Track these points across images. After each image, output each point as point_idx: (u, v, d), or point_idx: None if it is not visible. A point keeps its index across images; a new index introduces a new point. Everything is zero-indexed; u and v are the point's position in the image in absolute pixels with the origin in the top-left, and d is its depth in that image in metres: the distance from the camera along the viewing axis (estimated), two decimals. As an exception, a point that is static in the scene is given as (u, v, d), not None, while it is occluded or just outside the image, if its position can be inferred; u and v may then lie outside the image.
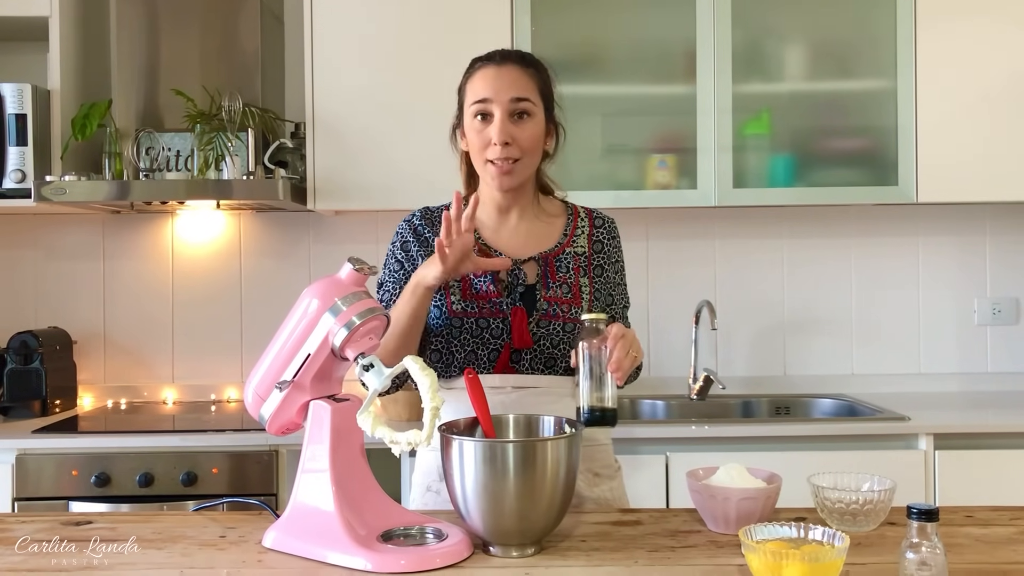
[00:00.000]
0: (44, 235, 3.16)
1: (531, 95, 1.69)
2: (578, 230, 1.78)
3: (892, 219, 3.18)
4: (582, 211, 1.83)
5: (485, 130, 1.67)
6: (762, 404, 3.03)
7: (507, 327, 1.66)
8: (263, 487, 2.50)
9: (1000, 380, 3.15)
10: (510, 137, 1.66)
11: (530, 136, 1.68)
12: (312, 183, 2.80)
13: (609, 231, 1.81)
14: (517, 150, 1.67)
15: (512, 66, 1.70)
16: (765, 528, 1.23)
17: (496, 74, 1.69)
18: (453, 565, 1.28)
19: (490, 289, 1.67)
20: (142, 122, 2.89)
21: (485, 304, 1.67)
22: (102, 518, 1.55)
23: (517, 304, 1.68)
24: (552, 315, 1.68)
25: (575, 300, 1.70)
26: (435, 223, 1.77)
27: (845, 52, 2.88)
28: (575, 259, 1.75)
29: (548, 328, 1.67)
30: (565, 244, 1.76)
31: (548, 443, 1.30)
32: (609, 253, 1.79)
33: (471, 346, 1.67)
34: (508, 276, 1.69)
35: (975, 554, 1.31)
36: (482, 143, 1.68)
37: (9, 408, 2.81)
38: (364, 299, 1.37)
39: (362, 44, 2.81)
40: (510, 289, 1.69)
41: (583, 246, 1.77)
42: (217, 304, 3.16)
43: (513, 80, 1.68)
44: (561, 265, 1.73)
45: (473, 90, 1.70)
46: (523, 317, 1.66)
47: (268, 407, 1.40)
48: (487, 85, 1.68)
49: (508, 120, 1.66)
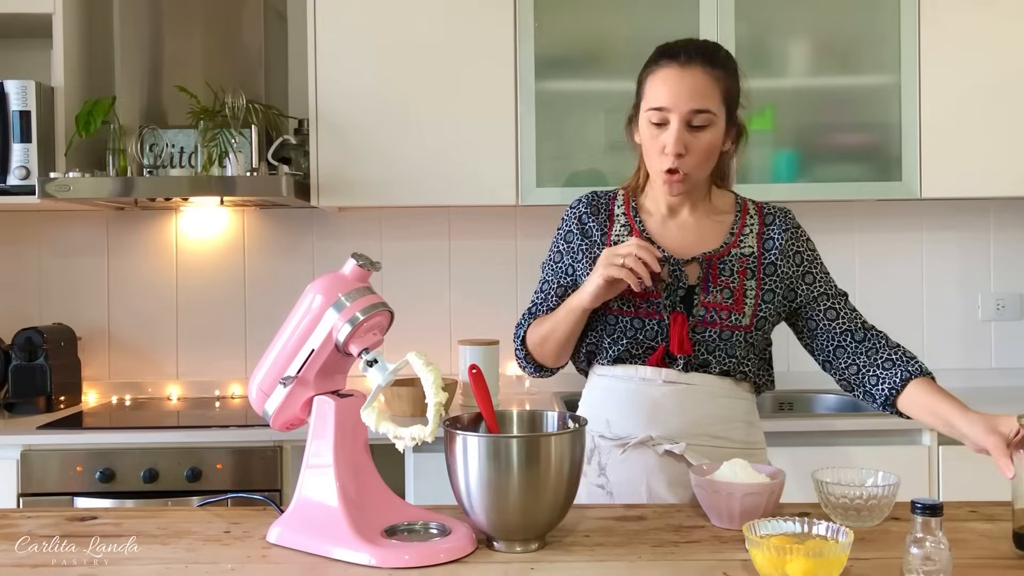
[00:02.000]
0: (48, 232, 3.17)
1: (712, 105, 1.59)
2: (746, 228, 1.69)
3: (896, 215, 3.18)
4: (751, 206, 1.73)
5: (660, 136, 1.60)
6: (765, 400, 3.03)
7: (663, 329, 1.62)
8: (267, 483, 2.51)
9: (1004, 376, 3.15)
10: (684, 148, 1.59)
11: (706, 146, 1.61)
12: (316, 180, 2.81)
13: (783, 225, 1.70)
14: (690, 161, 1.60)
15: (696, 69, 1.59)
16: (769, 523, 1.24)
17: (678, 78, 1.59)
18: (457, 560, 1.28)
19: (649, 288, 1.60)
20: (146, 119, 2.89)
21: (643, 303, 1.63)
22: (106, 514, 1.55)
23: (677, 308, 1.63)
24: (709, 322, 1.62)
25: (736, 306, 1.63)
26: (600, 211, 1.73)
27: (848, 48, 2.87)
28: (741, 261, 1.66)
29: (704, 334, 1.62)
30: (731, 244, 1.67)
31: (552, 438, 1.30)
32: (785, 248, 1.68)
33: (624, 344, 1.64)
34: (670, 276, 1.63)
35: (979, 549, 1.31)
36: (656, 149, 1.62)
37: (14, 404, 2.82)
38: (368, 295, 1.37)
39: (365, 40, 2.81)
40: (670, 290, 1.64)
41: (751, 246, 1.68)
42: (221, 300, 3.17)
43: (695, 88, 1.58)
44: (725, 268, 1.65)
45: (652, 93, 1.62)
46: (684, 323, 1.61)
47: (272, 403, 1.41)
48: (667, 92, 1.59)
49: (684, 130, 1.59)
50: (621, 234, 1.70)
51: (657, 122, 1.61)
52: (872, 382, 1.62)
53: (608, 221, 1.73)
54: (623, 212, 1.73)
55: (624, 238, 1.69)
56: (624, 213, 1.73)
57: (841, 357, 1.67)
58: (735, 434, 1.65)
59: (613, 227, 1.72)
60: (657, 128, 1.61)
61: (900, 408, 1.60)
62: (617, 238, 1.70)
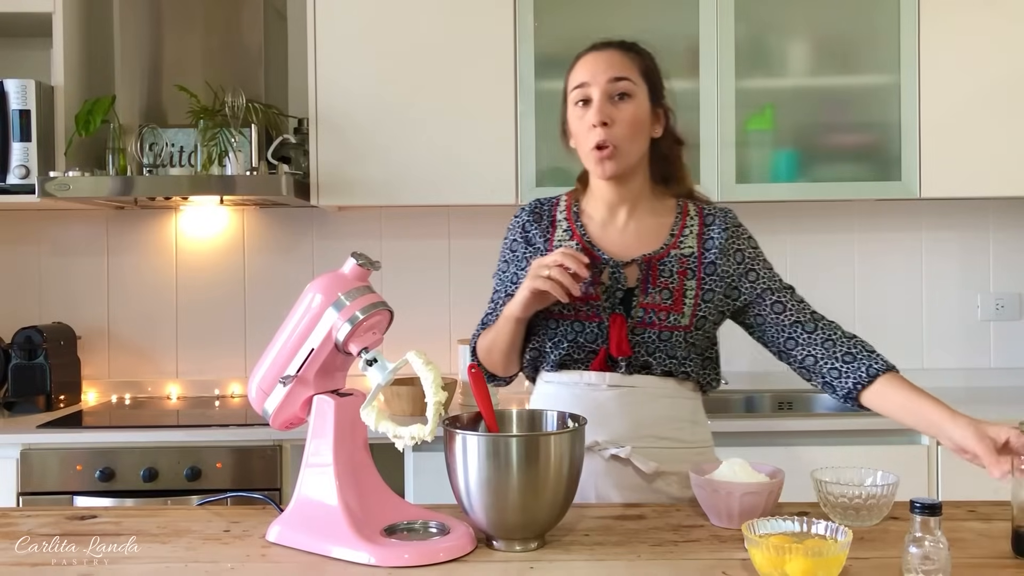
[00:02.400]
0: (48, 231, 3.17)
1: (631, 75, 1.64)
2: (686, 229, 1.69)
3: (895, 214, 3.18)
4: (692, 208, 1.73)
5: (586, 115, 1.63)
6: (765, 399, 3.03)
7: (603, 331, 1.62)
8: (267, 482, 2.51)
9: (1003, 376, 3.15)
10: (608, 118, 1.60)
11: (631, 117, 1.62)
12: (315, 179, 2.81)
13: (723, 224, 1.69)
14: (618, 132, 1.61)
15: (612, 50, 1.67)
16: (768, 523, 1.24)
17: (595, 58, 1.66)
18: (456, 559, 1.28)
19: (590, 291, 1.61)
20: (145, 118, 2.89)
21: (583, 307, 1.63)
22: (106, 512, 1.55)
23: (617, 310, 1.63)
24: (648, 323, 1.62)
25: (675, 306, 1.63)
26: (542, 218, 1.74)
27: (848, 47, 2.87)
28: (681, 261, 1.65)
29: (643, 336, 1.62)
30: (671, 246, 1.67)
31: (551, 438, 1.30)
32: (725, 247, 1.67)
33: (565, 347, 1.64)
34: (609, 279, 1.64)
35: (978, 548, 1.31)
36: (584, 129, 1.63)
37: (14, 403, 2.82)
38: (367, 294, 1.37)
39: (365, 40, 2.82)
40: (610, 293, 1.64)
41: (691, 246, 1.67)
42: (221, 300, 3.17)
43: (611, 62, 1.64)
44: (664, 269, 1.64)
45: (573, 77, 1.67)
46: (623, 325, 1.61)
47: (272, 402, 1.41)
48: (586, 69, 1.65)
49: (607, 101, 1.62)
50: (563, 239, 1.71)
51: (581, 99, 1.64)
52: (833, 375, 1.62)
53: (551, 227, 1.73)
54: (565, 217, 1.74)
55: (567, 243, 1.70)
56: (566, 218, 1.74)
57: (794, 349, 1.65)
58: (681, 434, 1.65)
59: (556, 233, 1.72)
60: (582, 108, 1.64)
61: (864, 402, 1.61)
62: (559, 243, 1.70)
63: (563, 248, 1.58)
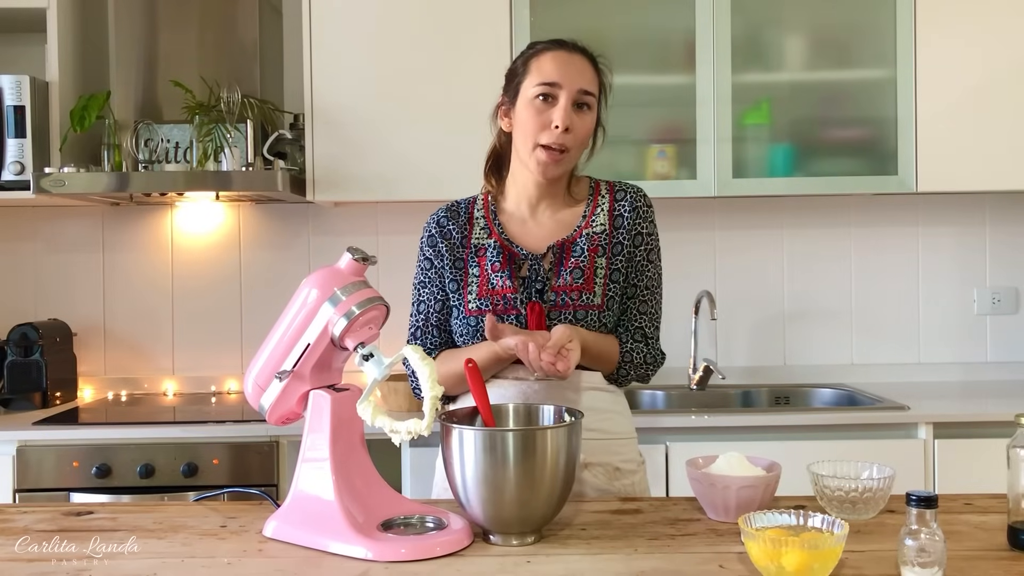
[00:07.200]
0: (43, 227, 3.16)
1: (594, 91, 1.68)
2: (598, 208, 1.72)
3: (892, 209, 3.18)
4: (603, 186, 1.76)
5: (546, 112, 1.63)
6: (762, 394, 3.04)
7: (521, 322, 1.63)
8: (264, 477, 2.51)
9: (999, 369, 3.15)
10: (571, 124, 1.63)
11: (586, 129, 1.67)
12: (311, 174, 2.80)
13: (633, 202, 1.72)
14: (572, 139, 1.64)
15: (581, 57, 1.68)
16: (764, 516, 1.24)
17: (568, 60, 1.66)
18: (453, 554, 1.28)
19: (506, 284, 1.64)
20: (141, 114, 2.88)
21: (500, 300, 1.65)
22: (103, 509, 1.55)
23: (533, 299, 1.64)
24: (561, 305, 1.64)
25: (587, 285, 1.65)
26: (459, 215, 1.76)
27: (845, 42, 2.87)
28: (592, 239, 1.68)
29: (559, 319, 1.63)
30: (584, 227, 1.70)
31: (548, 432, 1.30)
32: (631, 227, 1.70)
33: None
34: (528, 271, 1.66)
35: (974, 541, 1.31)
36: (539, 125, 1.64)
37: (10, 400, 2.82)
38: (363, 289, 1.37)
39: (361, 35, 2.81)
40: (527, 284, 1.66)
41: (603, 223, 1.70)
42: (217, 296, 3.16)
43: (583, 71, 1.66)
44: (576, 248, 1.67)
45: (540, 70, 1.65)
46: (541, 312, 1.63)
47: (268, 397, 1.41)
48: (557, 69, 1.64)
49: (572, 108, 1.64)
50: (481, 236, 1.73)
51: (545, 95, 1.64)
52: None
53: (468, 225, 1.75)
54: (483, 215, 1.75)
55: (484, 240, 1.71)
56: (484, 216, 1.75)
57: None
58: (607, 425, 1.67)
59: (473, 230, 1.74)
60: (544, 104, 1.64)
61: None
62: (478, 241, 1.72)
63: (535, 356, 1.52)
